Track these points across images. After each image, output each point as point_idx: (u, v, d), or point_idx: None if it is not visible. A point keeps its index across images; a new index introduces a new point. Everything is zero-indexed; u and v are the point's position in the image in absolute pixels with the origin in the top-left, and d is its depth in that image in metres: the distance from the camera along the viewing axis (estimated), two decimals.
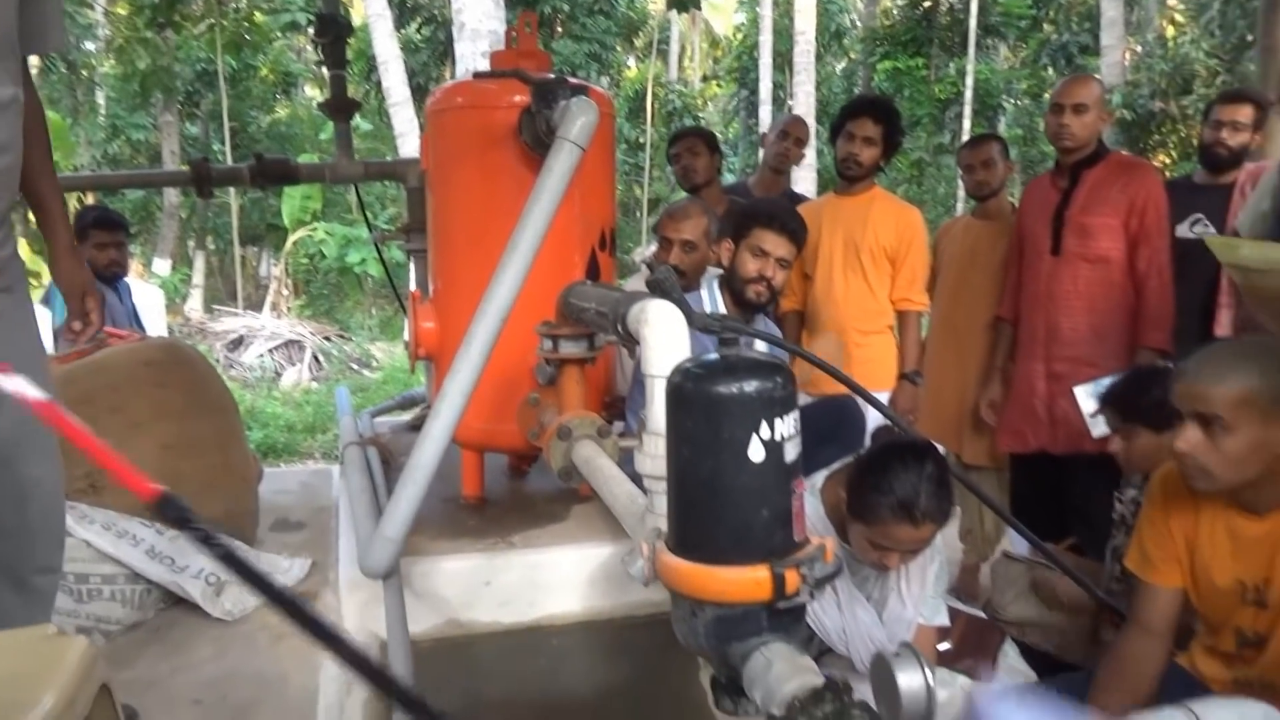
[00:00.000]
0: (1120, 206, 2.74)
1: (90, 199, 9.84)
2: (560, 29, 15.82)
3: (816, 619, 1.90)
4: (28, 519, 1.52)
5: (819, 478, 1.96)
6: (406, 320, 2.48)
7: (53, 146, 1.69)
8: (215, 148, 14.02)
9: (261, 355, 9.87)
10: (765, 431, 0.95)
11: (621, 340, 1.52)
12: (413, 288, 2.89)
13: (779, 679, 0.94)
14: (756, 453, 0.95)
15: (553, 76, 2.02)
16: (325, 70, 3.31)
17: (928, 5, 15.71)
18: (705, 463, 0.97)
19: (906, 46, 15.55)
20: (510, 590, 2.17)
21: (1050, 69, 15.15)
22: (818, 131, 11.17)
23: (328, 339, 10.79)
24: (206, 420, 2.39)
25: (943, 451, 1.87)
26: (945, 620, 1.96)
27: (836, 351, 2.80)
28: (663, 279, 1.55)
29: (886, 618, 1.86)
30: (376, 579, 1.92)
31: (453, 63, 10.20)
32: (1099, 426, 2.43)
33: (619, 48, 17.93)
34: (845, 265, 2.97)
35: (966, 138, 11.35)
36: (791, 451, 0.99)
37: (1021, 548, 2.58)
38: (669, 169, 4.37)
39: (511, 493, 2.66)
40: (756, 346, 2.26)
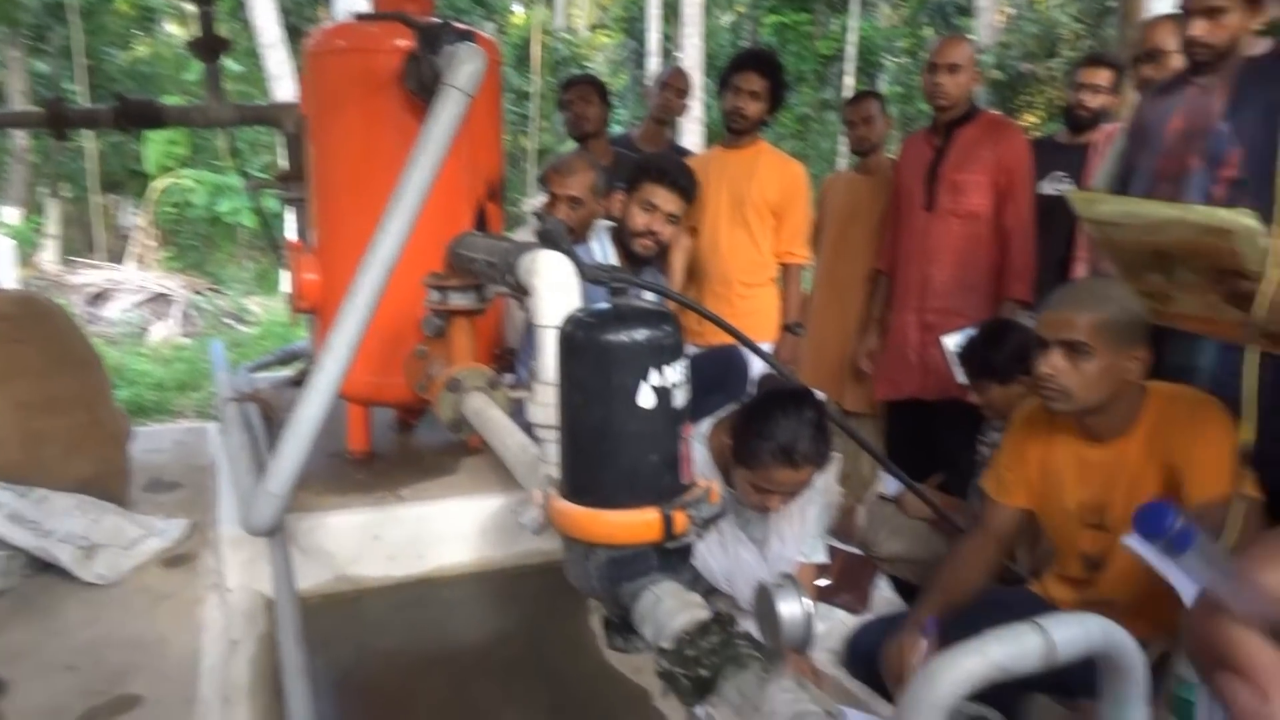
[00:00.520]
0: (989, 164, 2.88)
1: None
2: None
3: (702, 560, 1.97)
4: None
5: (705, 425, 2.02)
6: (287, 272, 2.40)
7: None
8: (67, 87, 13.01)
9: (127, 310, 9.33)
10: (655, 378, 0.98)
11: (512, 291, 1.52)
12: (292, 238, 2.79)
13: (668, 614, 0.98)
14: (646, 399, 0.98)
15: (438, 21, 1.97)
16: (189, 6, 3.12)
17: None
18: (597, 410, 0.99)
19: (792, 2, 15.68)
20: (400, 543, 2.15)
21: (928, 28, 15.57)
22: (705, 85, 11.20)
23: (199, 293, 10.27)
24: (69, 377, 2.27)
25: (824, 399, 1.96)
26: (824, 558, 2.06)
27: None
28: (552, 230, 1.55)
29: (769, 557, 1.94)
30: (261, 536, 1.89)
31: (329, 1, 9.74)
32: (963, 374, 2.58)
33: None
34: (730, 218, 3.02)
35: (849, 94, 11.60)
36: (680, 398, 1.02)
37: (895, 490, 2.72)
38: (556, 119, 4.33)
39: (399, 446, 2.63)
40: (645, 298, 2.29)
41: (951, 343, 2.78)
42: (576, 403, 1.01)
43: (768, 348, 3.00)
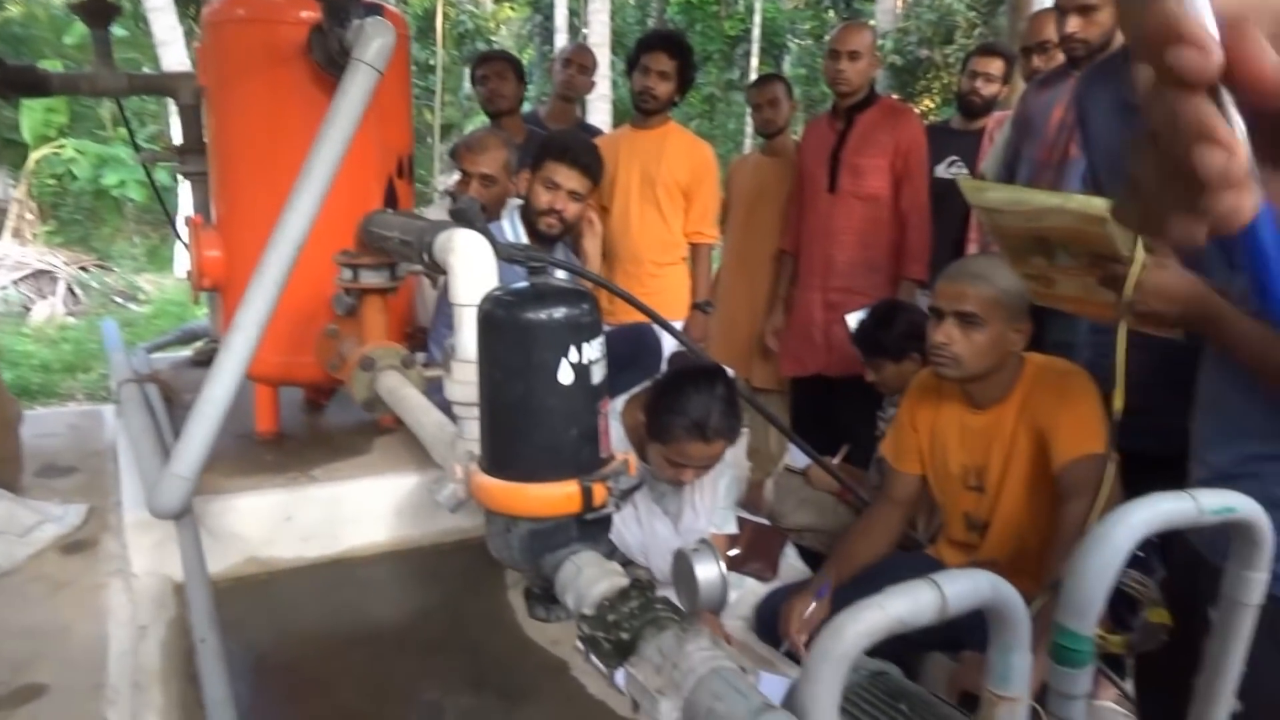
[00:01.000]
0: (888, 148, 2.99)
1: None
2: None
3: (619, 534, 2.02)
4: None
5: (619, 402, 2.06)
6: (184, 248, 2.33)
7: None
8: None
9: (5, 288, 8.82)
10: (574, 355, 1.01)
11: (427, 270, 1.52)
12: (191, 213, 2.70)
13: (589, 583, 1.01)
14: (565, 375, 1.01)
15: None
16: None
17: None
18: (516, 386, 1.02)
19: None
20: (313, 524, 2.14)
21: (831, 12, 15.86)
22: (613, 63, 11.17)
23: (84, 269, 9.78)
24: None
25: (733, 376, 2.03)
26: (734, 529, 2.13)
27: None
28: (466, 208, 1.56)
29: (682, 529, 2.00)
30: (168, 519, 1.85)
31: None
32: None
33: None
34: (641, 198, 3.06)
35: (755, 75, 11.74)
36: (598, 374, 1.05)
37: (802, 463, 2.82)
38: (461, 94, 4.26)
39: (310, 427, 2.60)
40: (560, 277, 2.31)
41: (855, 321, 2.89)
42: (497, 380, 1.03)
43: (678, 326, 3.06)
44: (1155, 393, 1.52)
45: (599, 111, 10.86)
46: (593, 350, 1.04)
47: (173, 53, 8.66)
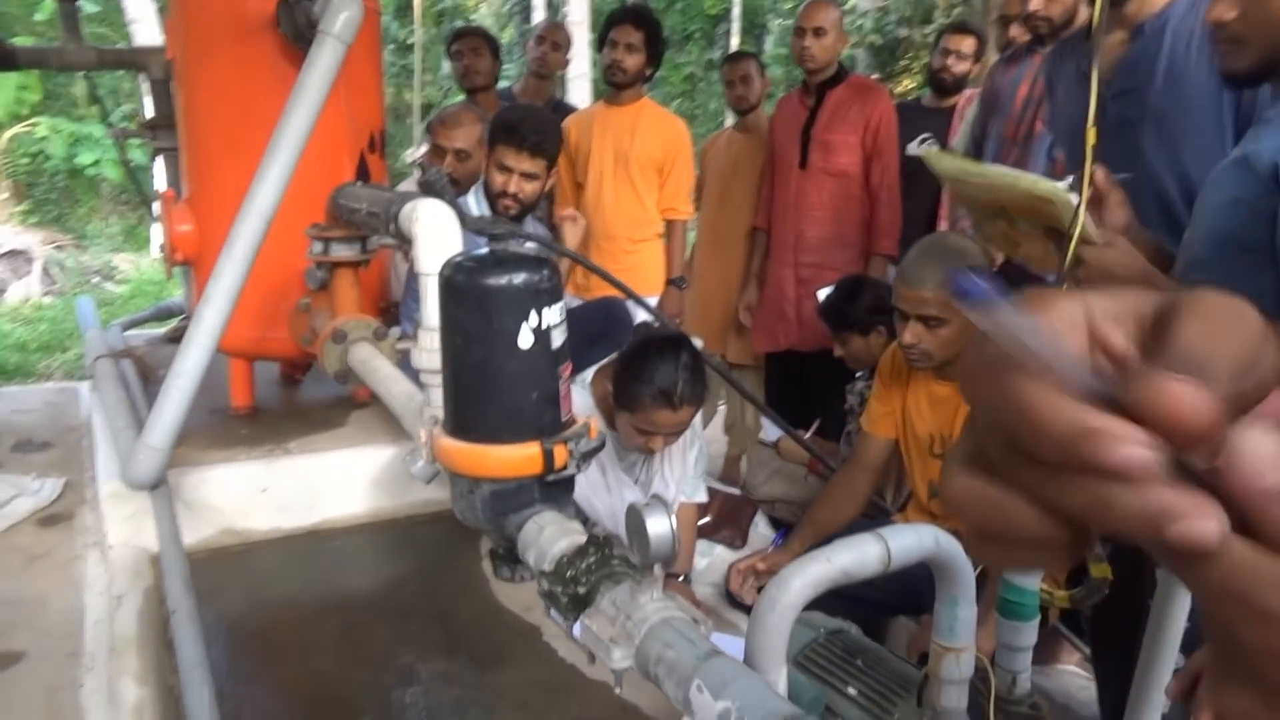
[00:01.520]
0: (858, 125, 3.02)
1: None
2: None
3: (588, 503, 2.05)
4: None
5: (589, 373, 2.08)
6: (158, 226, 2.33)
7: None
8: None
9: None
10: (534, 320, 1.04)
11: (394, 241, 1.54)
12: (163, 189, 2.70)
13: (549, 541, 1.05)
14: (525, 340, 1.04)
15: None
16: None
17: None
18: (477, 351, 1.04)
19: None
20: (288, 496, 2.16)
21: None
22: (592, 41, 11.10)
23: (60, 249, 9.69)
24: None
25: (702, 347, 2.06)
26: (705, 498, 2.17)
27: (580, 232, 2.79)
28: (434, 180, 1.58)
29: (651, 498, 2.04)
30: (143, 490, 1.87)
31: None
32: None
33: None
34: (615, 175, 3.07)
35: None
36: (558, 338, 1.08)
37: (775, 436, 2.87)
38: (441, 73, 4.25)
39: (285, 401, 2.61)
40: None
41: (824, 296, 2.92)
42: (458, 345, 1.06)
43: (652, 302, 3.09)
44: None
45: (580, 90, 10.81)
46: (553, 315, 1.06)
47: (145, 30, 8.55)
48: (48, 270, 9.05)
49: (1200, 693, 0.96)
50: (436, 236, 1.36)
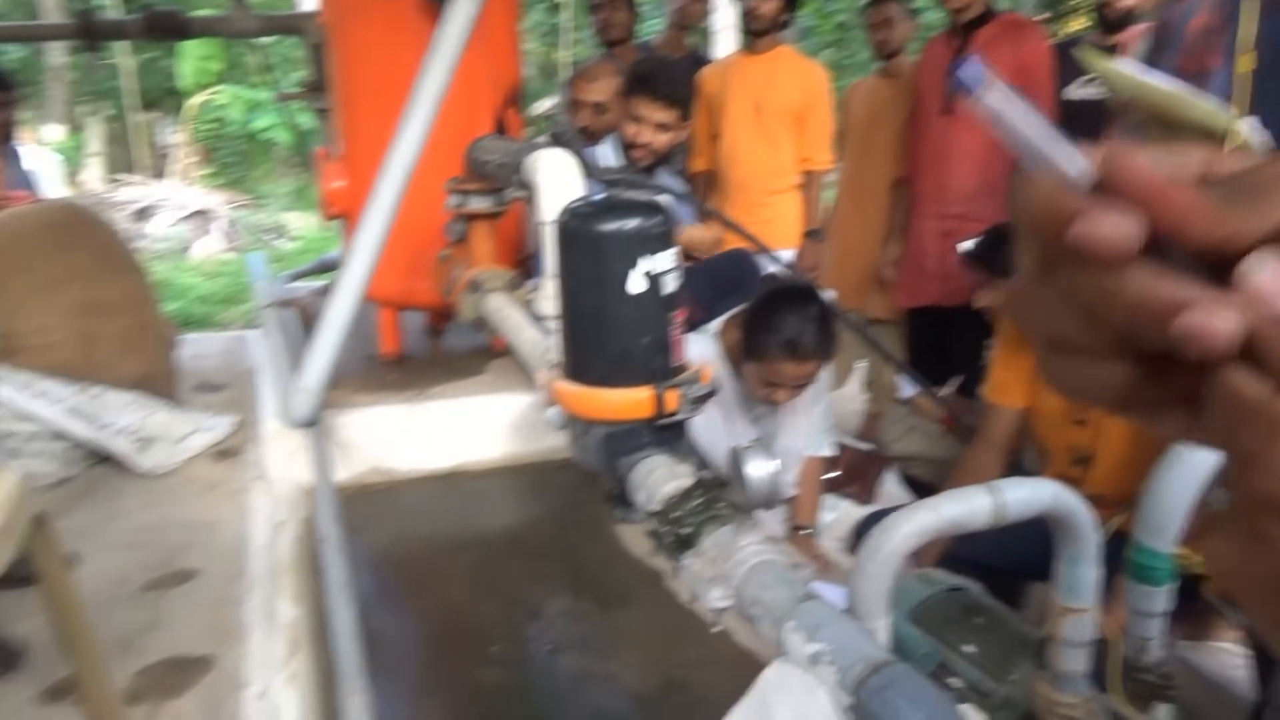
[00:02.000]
0: (1008, 66, 2.85)
1: None
2: None
3: (713, 451, 2.06)
4: None
5: (717, 322, 2.09)
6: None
7: None
8: (98, 1, 13.01)
9: (170, 226, 9.53)
10: (644, 265, 1.05)
11: (520, 191, 1.58)
12: (323, 147, 2.86)
13: (658, 482, 1.07)
14: (636, 285, 1.05)
15: None
16: None
17: None
18: (589, 295, 1.07)
19: None
20: (430, 438, 2.28)
21: None
22: None
23: (239, 208, 10.44)
24: (118, 281, 2.39)
25: (845, 307, 2.01)
26: (832, 451, 2.15)
27: None
28: (562, 131, 1.61)
29: (778, 450, 2.03)
30: (299, 428, 2.02)
31: None
32: None
33: None
34: (750, 125, 3.02)
35: None
36: (670, 284, 1.09)
37: (911, 393, 2.79)
38: (589, 30, 4.28)
39: (430, 350, 2.75)
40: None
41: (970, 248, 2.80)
42: (572, 289, 1.09)
43: (788, 255, 3.04)
44: None
45: (725, 42, 10.63)
46: (664, 260, 1.07)
47: None
48: (228, 229, 9.78)
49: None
50: (557, 185, 1.39)
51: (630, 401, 1.09)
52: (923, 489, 2.53)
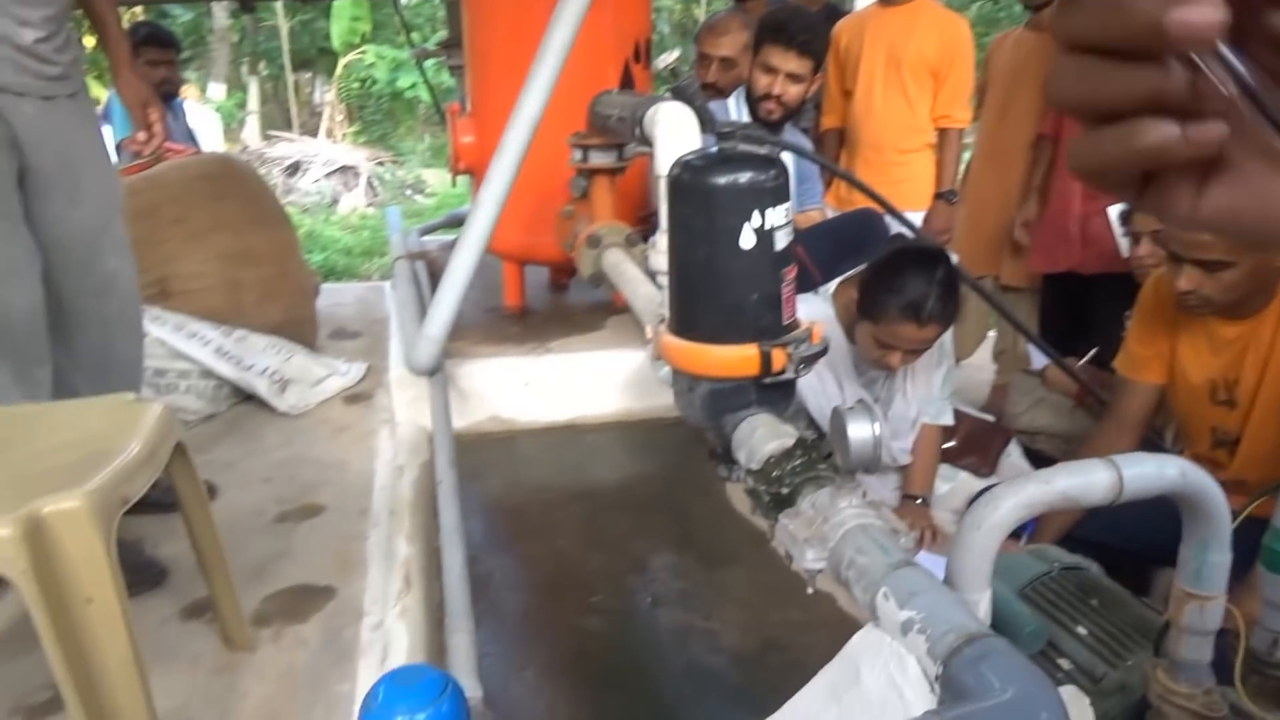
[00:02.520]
0: None
1: (140, 16, 9.76)
2: None
3: (822, 414, 2.03)
4: (108, 311, 1.67)
5: (833, 283, 2.03)
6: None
7: None
8: None
9: (318, 181, 10.01)
10: (756, 220, 1.03)
11: (640, 144, 1.58)
12: (454, 103, 2.93)
13: (760, 441, 1.06)
14: (748, 240, 1.03)
15: None
16: None
17: None
18: (700, 249, 1.06)
19: None
20: (547, 391, 2.33)
21: None
22: None
23: (381, 164, 10.85)
24: (263, 232, 2.53)
25: (978, 273, 1.91)
26: (950, 420, 2.07)
27: None
28: (685, 85, 1.59)
29: (891, 416, 1.97)
30: (422, 376, 2.10)
31: None
32: (1127, 246, 2.45)
33: None
34: (886, 80, 2.91)
35: None
36: (782, 240, 1.06)
37: (1041, 364, 2.66)
38: None
39: (551, 304, 2.80)
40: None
41: (1116, 213, 2.63)
42: (682, 243, 1.08)
43: (918, 216, 2.93)
44: None
45: None
46: (777, 215, 1.05)
47: None
48: (371, 184, 10.19)
49: None
50: (675, 139, 1.38)
51: (736, 359, 1.07)
52: (1048, 465, 2.41)
